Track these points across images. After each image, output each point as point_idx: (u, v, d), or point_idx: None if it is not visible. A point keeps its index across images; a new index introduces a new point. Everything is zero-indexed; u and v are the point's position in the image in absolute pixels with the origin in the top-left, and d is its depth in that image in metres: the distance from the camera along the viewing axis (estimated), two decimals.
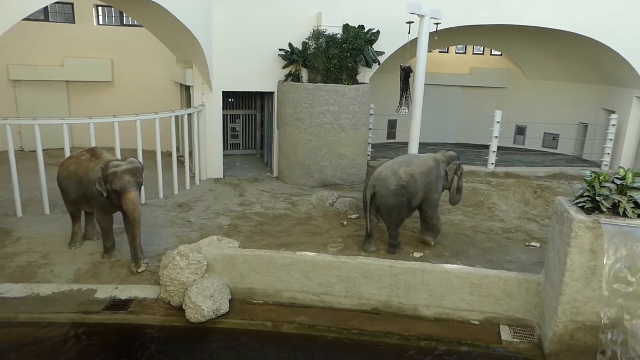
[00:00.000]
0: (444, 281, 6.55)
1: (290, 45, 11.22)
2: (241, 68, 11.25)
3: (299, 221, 9.14)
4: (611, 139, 12.77)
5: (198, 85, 11.28)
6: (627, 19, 11.66)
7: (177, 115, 10.66)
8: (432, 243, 8.23)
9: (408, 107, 10.51)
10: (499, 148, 12.84)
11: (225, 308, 6.50)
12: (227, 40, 11.02)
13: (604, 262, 5.12)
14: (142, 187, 9.08)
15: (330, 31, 11.01)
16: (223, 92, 11.41)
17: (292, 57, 11.18)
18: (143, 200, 9.74)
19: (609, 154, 12.86)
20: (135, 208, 6.88)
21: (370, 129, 12.89)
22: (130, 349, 5.95)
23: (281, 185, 11.44)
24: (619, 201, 5.31)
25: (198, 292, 6.37)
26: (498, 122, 12.43)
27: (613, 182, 5.48)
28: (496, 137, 12.48)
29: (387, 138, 15.74)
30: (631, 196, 5.30)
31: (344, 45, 10.86)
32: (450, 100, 16.62)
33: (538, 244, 8.50)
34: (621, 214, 5.31)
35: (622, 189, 5.43)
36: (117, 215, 7.57)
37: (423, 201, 8.01)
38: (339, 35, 10.97)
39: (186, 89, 12.86)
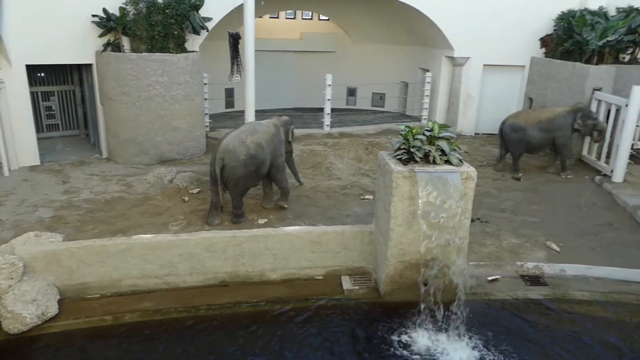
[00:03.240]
0: (287, 243, 6.81)
1: (105, 10, 10.23)
2: (47, 37, 9.95)
3: (136, 203, 8.64)
4: (427, 95, 14.28)
5: None
6: None
7: None
8: (286, 206, 8.51)
9: (240, 74, 10.43)
10: (333, 110, 13.51)
11: (53, 310, 5.92)
12: (25, 3, 9.64)
13: (421, 205, 5.77)
14: None
15: None
16: (27, 65, 10.03)
17: (109, 24, 10.24)
18: None
19: (426, 108, 14.39)
20: None
21: (205, 99, 12.55)
22: None
23: (113, 166, 10.63)
24: (429, 151, 5.99)
25: (16, 299, 5.68)
26: (329, 85, 13.03)
27: (424, 134, 6.16)
28: (329, 99, 13.10)
29: (226, 107, 15.52)
30: (438, 145, 6.02)
31: (167, 10, 10.26)
32: (284, 66, 16.90)
33: (371, 197, 9.25)
34: (431, 162, 6.01)
35: (431, 140, 6.13)
36: None
37: (270, 167, 8.20)
38: (160, 0, 10.32)
39: None
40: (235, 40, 10.21)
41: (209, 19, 11.23)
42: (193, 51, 11.10)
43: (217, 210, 7.91)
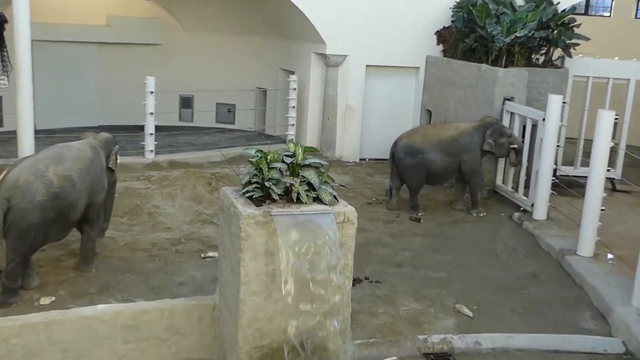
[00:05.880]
0: (85, 332, 6.45)
1: None
2: None
3: None
4: (293, 107, 14.72)
5: None
6: None
7: None
8: (93, 270, 8.36)
9: (8, 76, 9.93)
10: (159, 129, 13.36)
11: None
12: None
13: (282, 263, 5.78)
14: None
15: None
16: None
17: None
18: None
19: (293, 125, 14.80)
20: None
21: None
22: None
23: None
24: (291, 185, 6.06)
25: None
26: (152, 92, 12.89)
27: (283, 161, 6.22)
28: (152, 113, 12.92)
29: None
30: (304, 177, 6.11)
31: None
32: (84, 64, 16.47)
33: (216, 254, 9.14)
34: (295, 200, 6.09)
35: (294, 169, 6.22)
36: None
37: (87, 209, 8.06)
38: None
39: None
40: None
41: None
42: None
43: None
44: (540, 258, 9.96)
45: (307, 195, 6.10)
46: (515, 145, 11.56)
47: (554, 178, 11.40)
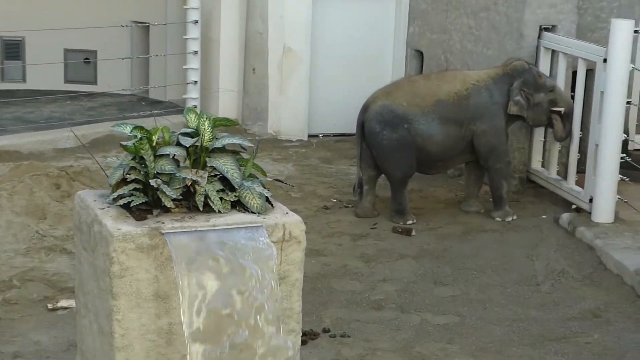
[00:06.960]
0: None
1: None
2: None
3: None
4: (196, 52, 14.69)
5: None
6: None
7: None
8: None
9: None
10: None
11: None
12: None
13: (184, 314, 5.81)
14: None
15: None
16: None
17: None
18: None
19: (196, 82, 14.76)
20: None
21: None
22: None
23: None
24: (194, 182, 6.09)
25: None
26: None
27: (179, 144, 6.25)
28: None
29: None
30: (214, 167, 6.14)
31: None
32: None
33: (73, 303, 9.12)
34: (201, 208, 6.11)
35: (198, 157, 6.25)
36: None
37: None
38: None
39: None
40: None
41: None
42: None
43: None
44: (606, 285, 10.19)
45: (221, 199, 6.14)
46: (562, 108, 11.73)
47: (624, 155, 11.61)
